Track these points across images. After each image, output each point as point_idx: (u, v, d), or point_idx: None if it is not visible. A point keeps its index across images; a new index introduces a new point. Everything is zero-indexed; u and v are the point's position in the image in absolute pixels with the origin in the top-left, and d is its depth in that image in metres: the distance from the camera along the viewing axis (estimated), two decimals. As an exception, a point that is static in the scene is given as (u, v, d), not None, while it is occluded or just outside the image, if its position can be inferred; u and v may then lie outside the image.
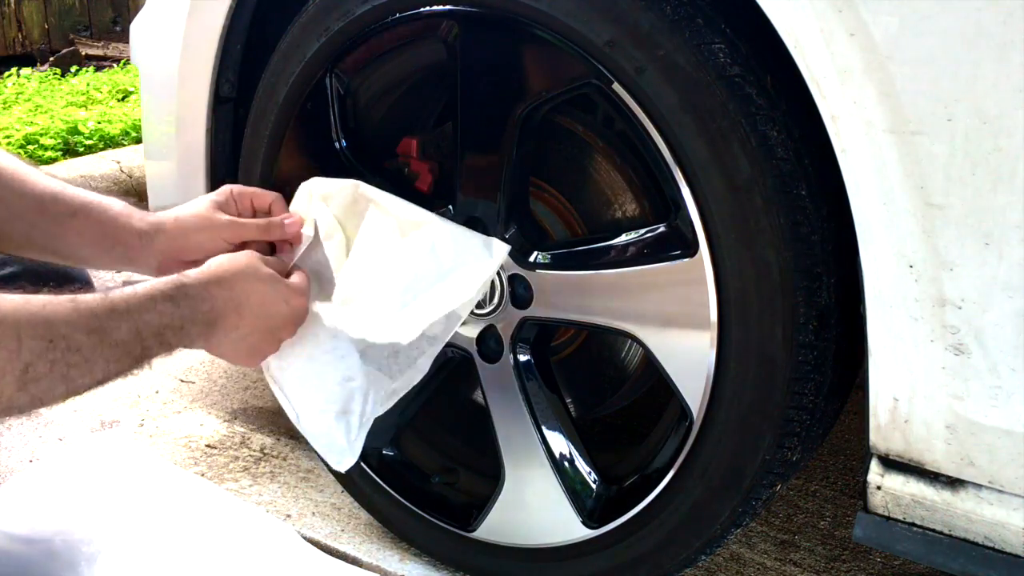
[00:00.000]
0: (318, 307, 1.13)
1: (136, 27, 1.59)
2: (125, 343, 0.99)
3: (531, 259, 1.17)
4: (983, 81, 0.79)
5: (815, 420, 1.05)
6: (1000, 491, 0.89)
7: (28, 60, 5.02)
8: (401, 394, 1.19)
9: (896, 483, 0.95)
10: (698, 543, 1.12)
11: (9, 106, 3.62)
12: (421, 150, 1.31)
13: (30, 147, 2.97)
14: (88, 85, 4.01)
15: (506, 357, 1.23)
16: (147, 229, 1.17)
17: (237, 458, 1.68)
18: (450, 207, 1.21)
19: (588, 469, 1.22)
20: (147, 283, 1.05)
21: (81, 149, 3.11)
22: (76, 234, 1.18)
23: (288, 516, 1.52)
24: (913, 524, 0.95)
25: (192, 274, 1.08)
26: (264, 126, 1.35)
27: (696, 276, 1.01)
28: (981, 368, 0.86)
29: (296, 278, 1.14)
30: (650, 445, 1.23)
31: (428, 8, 1.15)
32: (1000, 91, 0.79)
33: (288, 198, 1.21)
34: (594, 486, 1.21)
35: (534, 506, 1.25)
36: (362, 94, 1.31)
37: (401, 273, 1.13)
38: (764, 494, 1.08)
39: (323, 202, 1.18)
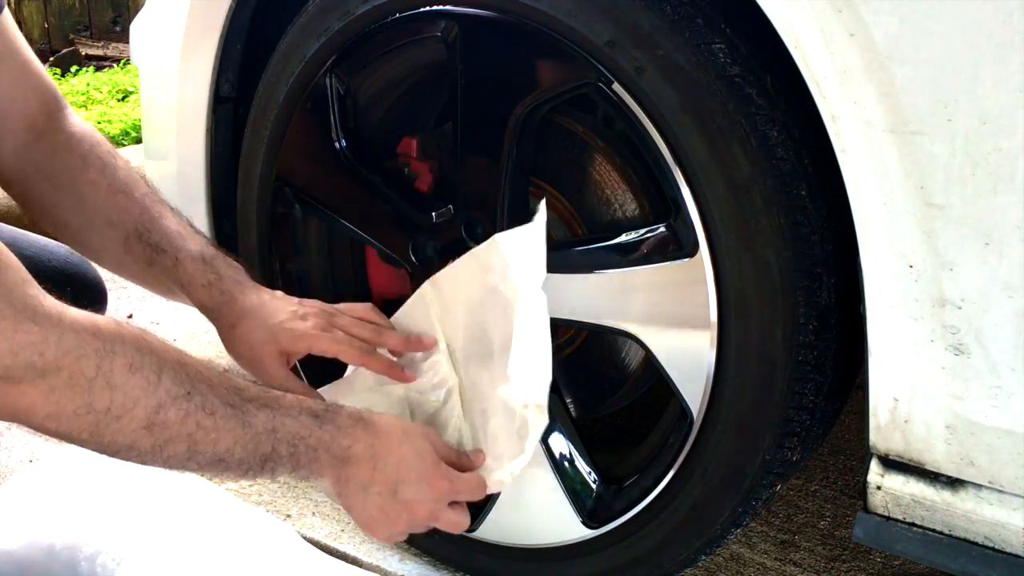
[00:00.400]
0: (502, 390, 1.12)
1: (136, 27, 1.59)
2: (259, 434, 0.93)
3: (531, 259, 1.17)
4: (983, 81, 0.79)
5: (815, 420, 1.05)
6: (1000, 491, 0.89)
7: (28, 60, 5.02)
8: None
9: (896, 483, 0.95)
10: (698, 543, 1.12)
11: (9, 106, 3.62)
12: (421, 150, 1.31)
13: (30, 147, 2.97)
14: (88, 85, 4.02)
15: (506, 357, 1.23)
16: (210, 305, 1.15)
17: (237, 458, 1.68)
18: (450, 207, 1.21)
19: (588, 469, 1.22)
20: (298, 395, 1.01)
21: (81, 149, 3.10)
22: (156, 282, 1.18)
23: (288, 516, 1.52)
24: (913, 524, 0.95)
25: (348, 406, 1.03)
26: (264, 126, 1.35)
27: (696, 276, 1.01)
28: (981, 368, 0.86)
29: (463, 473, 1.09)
30: (650, 445, 1.23)
31: (428, 8, 1.15)
32: (1000, 91, 0.79)
33: (288, 197, 1.21)
34: (594, 486, 1.21)
35: (534, 506, 1.25)
36: (362, 94, 1.31)
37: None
38: (764, 494, 1.08)
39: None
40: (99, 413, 0.83)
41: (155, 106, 1.53)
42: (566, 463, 1.22)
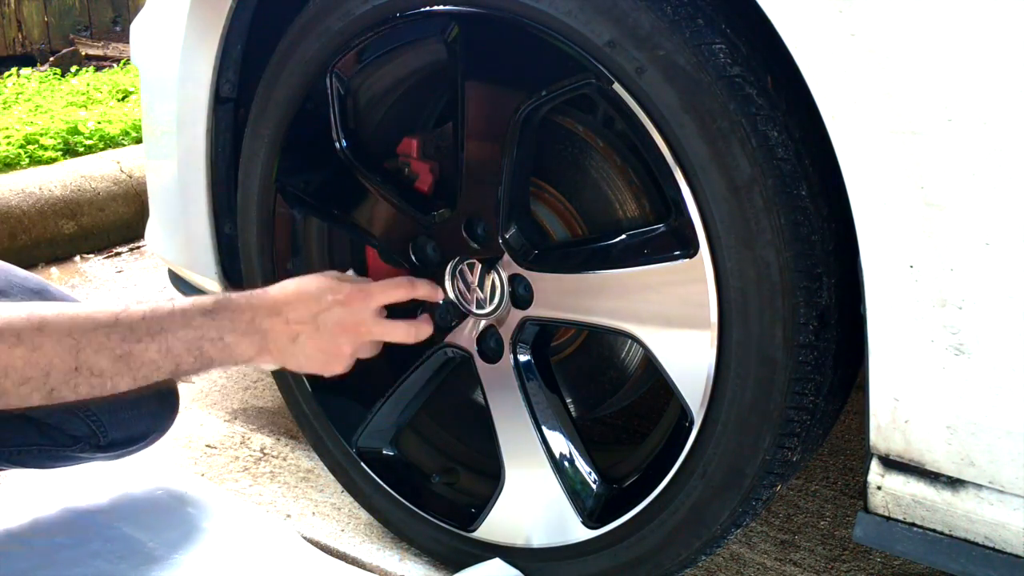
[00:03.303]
0: None
1: (136, 27, 1.59)
2: (154, 361, 1.06)
3: (531, 259, 1.17)
4: (983, 81, 0.79)
5: (815, 420, 1.05)
6: (1000, 491, 0.89)
7: (28, 60, 5.02)
8: None
9: (896, 483, 0.95)
10: (698, 543, 1.12)
11: (9, 106, 3.62)
12: (421, 150, 1.31)
13: (30, 147, 2.97)
14: (88, 85, 4.01)
15: (506, 357, 1.23)
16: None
17: (237, 458, 1.68)
18: (450, 207, 1.21)
19: (588, 469, 1.22)
20: (189, 299, 1.10)
21: (81, 149, 3.10)
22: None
23: (288, 516, 1.52)
24: (913, 524, 0.95)
25: (237, 292, 1.13)
26: (264, 126, 1.35)
27: (696, 276, 1.01)
28: (982, 368, 0.86)
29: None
30: (650, 445, 1.23)
31: (428, 8, 1.15)
32: (1000, 91, 0.79)
33: (288, 196, 1.21)
34: (594, 486, 1.21)
35: (534, 506, 1.25)
36: (362, 94, 1.31)
37: None
38: (764, 494, 1.08)
39: None
40: (7, 394, 1.01)
41: (155, 106, 1.53)
42: (566, 463, 1.22)
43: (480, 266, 1.21)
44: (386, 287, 1.20)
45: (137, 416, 1.37)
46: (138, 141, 3.20)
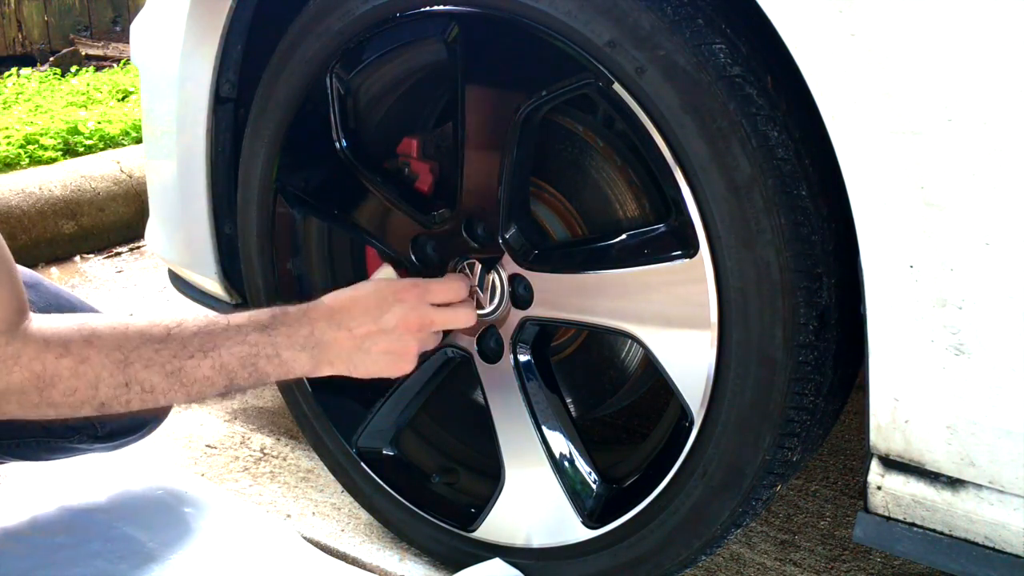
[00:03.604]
0: None
1: (136, 27, 1.59)
2: (208, 378, 1.06)
3: (531, 259, 1.17)
4: (983, 81, 0.79)
5: (815, 420, 1.05)
6: (1000, 491, 0.89)
7: (28, 60, 5.02)
8: None
9: (896, 483, 0.95)
10: (698, 543, 1.12)
11: (9, 106, 3.62)
12: (421, 150, 1.31)
13: (30, 147, 2.97)
14: (88, 85, 4.01)
15: (506, 357, 1.23)
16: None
17: (237, 458, 1.68)
18: (450, 207, 1.21)
19: (588, 469, 1.22)
20: (245, 314, 1.10)
21: (81, 149, 3.11)
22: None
23: (288, 516, 1.52)
24: (913, 524, 0.95)
25: (294, 305, 1.13)
26: (264, 126, 1.35)
27: (696, 276, 1.01)
28: (982, 368, 0.86)
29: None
30: (650, 445, 1.23)
31: (428, 8, 1.15)
32: (1000, 91, 0.79)
33: (288, 196, 1.21)
34: (594, 486, 1.21)
35: (534, 506, 1.25)
36: (362, 94, 1.30)
37: None
38: (764, 494, 1.08)
39: None
40: (57, 405, 1.03)
41: (155, 106, 1.52)
42: (566, 463, 1.22)
43: (480, 266, 1.21)
44: (445, 287, 1.19)
45: None
46: (138, 141, 3.20)
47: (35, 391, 1.02)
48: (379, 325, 1.12)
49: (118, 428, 1.36)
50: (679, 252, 1.03)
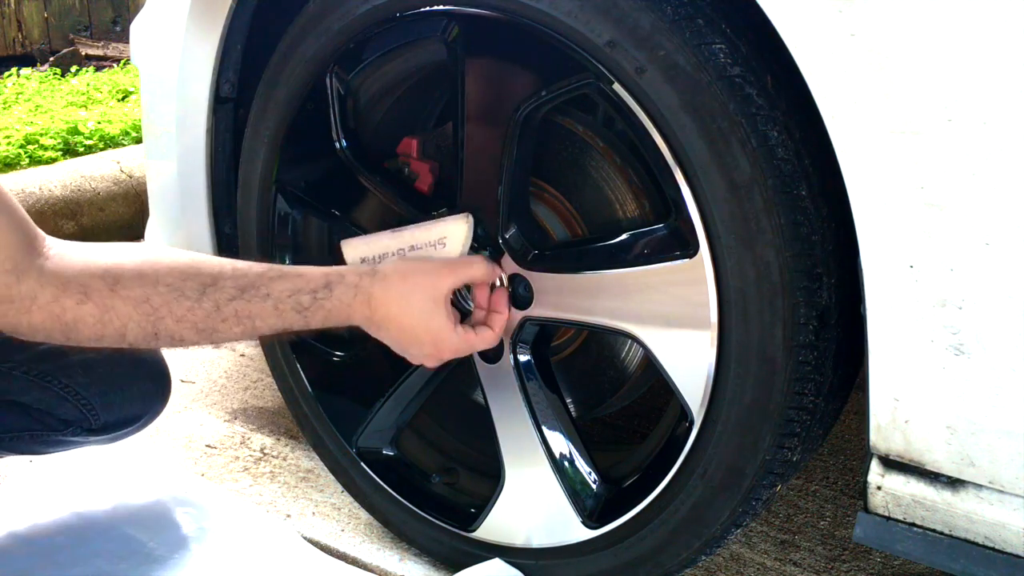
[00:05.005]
0: None
1: (136, 27, 1.59)
2: (236, 336, 1.07)
3: (531, 259, 1.17)
4: (983, 81, 0.79)
5: (815, 420, 1.05)
6: (1000, 491, 0.89)
7: (28, 60, 5.02)
8: None
9: (896, 483, 0.95)
10: (698, 543, 1.12)
11: (9, 106, 3.62)
12: (421, 150, 1.31)
13: (30, 147, 2.97)
14: (88, 85, 4.01)
15: (506, 357, 1.23)
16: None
17: (237, 458, 1.68)
18: (450, 207, 1.21)
19: (588, 469, 1.22)
20: (290, 283, 1.09)
21: (81, 149, 3.10)
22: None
23: (288, 516, 1.52)
24: (913, 524, 0.95)
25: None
26: (264, 126, 1.35)
27: (696, 276, 1.01)
28: (982, 368, 0.86)
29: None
30: (650, 445, 1.23)
31: (428, 8, 1.15)
32: (1000, 91, 0.79)
33: (288, 196, 1.21)
34: (594, 486, 1.21)
35: (534, 506, 1.25)
36: (362, 94, 1.31)
37: None
38: (764, 494, 1.08)
39: None
40: (86, 344, 1.03)
41: (155, 106, 1.53)
42: (566, 463, 1.22)
43: (480, 266, 1.21)
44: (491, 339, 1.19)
45: (128, 399, 1.36)
46: (138, 141, 3.20)
47: (60, 333, 1.01)
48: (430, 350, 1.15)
49: (112, 421, 1.35)
50: (679, 252, 1.03)
